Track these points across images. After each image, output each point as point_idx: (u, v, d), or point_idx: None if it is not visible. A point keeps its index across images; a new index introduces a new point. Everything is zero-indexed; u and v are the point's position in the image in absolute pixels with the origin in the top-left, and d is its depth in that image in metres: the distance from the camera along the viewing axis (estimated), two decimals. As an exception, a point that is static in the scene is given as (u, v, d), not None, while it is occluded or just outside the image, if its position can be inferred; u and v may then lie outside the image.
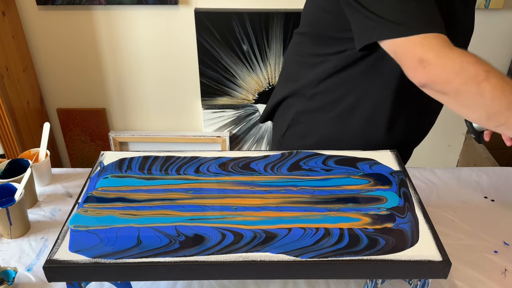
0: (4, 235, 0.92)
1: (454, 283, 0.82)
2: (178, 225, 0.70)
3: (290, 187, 0.79)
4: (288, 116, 1.06)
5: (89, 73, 1.95)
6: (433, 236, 0.68)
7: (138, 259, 0.65)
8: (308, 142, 1.04)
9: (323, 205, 0.74)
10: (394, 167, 0.85)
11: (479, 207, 1.02)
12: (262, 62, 1.91)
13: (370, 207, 0.74)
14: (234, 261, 0.64)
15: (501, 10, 1.81)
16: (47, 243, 0.91)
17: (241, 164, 0.85)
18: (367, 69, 0.91)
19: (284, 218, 0.71)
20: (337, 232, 0.68)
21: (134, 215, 0.72)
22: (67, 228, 0.70)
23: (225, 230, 0.69)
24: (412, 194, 0.78)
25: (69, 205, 1.01)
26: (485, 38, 1.87)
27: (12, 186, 0.93)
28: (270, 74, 1.94)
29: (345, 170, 0.84)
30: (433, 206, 0.99)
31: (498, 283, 0.82)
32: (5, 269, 0.79)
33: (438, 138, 2.15)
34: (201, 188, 0.79)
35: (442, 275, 0.65)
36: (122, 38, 1.88)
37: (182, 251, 0.66)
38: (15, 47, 1.78)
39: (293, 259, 0.65)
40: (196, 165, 0.85)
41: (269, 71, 1.93)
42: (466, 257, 0.87)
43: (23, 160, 1.02)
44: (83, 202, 0.75)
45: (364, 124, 0.97)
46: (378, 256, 0.65)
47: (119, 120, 2.11)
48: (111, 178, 0.81)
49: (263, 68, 1.92)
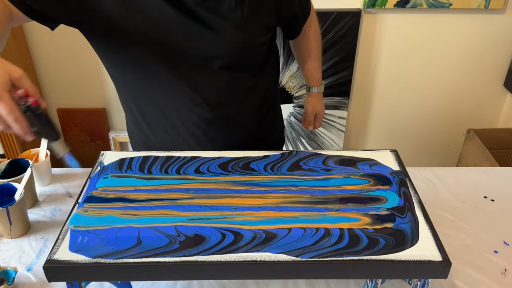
0: (4, 235, 0.92)
1: (454, 283, 0.82)
2: (178, 225, 0.70)
3: (290, 187, 0.79)
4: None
5: (89, 73, 1.95)
6: (433, 236, 0.68)
7: (138, 259, 0.65)
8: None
9: (323, 205, 0.74)
10: (394, 167, 0.85)
11: (479, 207, 1.02)
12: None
13: (370, 207, 0.74)
14: (234, 261, 0.64)
15: (501, 10, 1.81)
16: (47, 243, 0.91)
17: (241, 164, 0.85)
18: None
19: (284, 218, 0.71)
20: (337, 232, 0.68)
21: (134, 215, 0.72)
22: (67, 228, 0.70)
23: (225, 230, 0.69)
24: (412, 194, 0.78)
25: (69, 205, 1.01)
26: (485, 38, 1.88)
27: (12, 186, 0.93)
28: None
29: (345, 170, 0.84)
30: (433, 206, 0.99)
31: (498, 283, 0.82)
32: (5, 269, 0.79)
33: (438, 138, 2.16)
34: (201, 188, 0.79)
35: (442, 275, 0.65)
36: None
37: (182, 251, 0.66)
38: (15, 47, 1.78)
39: (293, 259, 0.65)
40: (196, 165, 0.85)
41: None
42: (466, 257, 0.87)
43: (23, 160, 1.02)
44: (83, 202, 0.75)
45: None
46: (378, 256, 0.65)
47: (119, 120, 2.11)
48: (111, 178, 0.81)
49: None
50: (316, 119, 1.29)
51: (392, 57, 1.93)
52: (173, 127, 1.00)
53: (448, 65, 1.95)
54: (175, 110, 0.97)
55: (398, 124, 2.12)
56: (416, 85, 2.00)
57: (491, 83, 2.00)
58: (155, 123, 1.01)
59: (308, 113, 1.28)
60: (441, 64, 1.95)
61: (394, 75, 1.98)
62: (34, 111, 0.65)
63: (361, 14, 1.80)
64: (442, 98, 2.04)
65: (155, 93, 0.95)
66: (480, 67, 1.96)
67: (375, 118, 2.10)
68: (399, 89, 2.02)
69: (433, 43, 1.89)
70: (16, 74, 0.64)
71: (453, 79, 1.99)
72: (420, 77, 1.98)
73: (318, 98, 1.26)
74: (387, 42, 1.89)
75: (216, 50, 0.90)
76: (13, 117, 0.62)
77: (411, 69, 1.96)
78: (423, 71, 1.97)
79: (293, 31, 1.10)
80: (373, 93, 2.03)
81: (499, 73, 1.98)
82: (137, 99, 0.99)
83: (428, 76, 1.98)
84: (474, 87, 2.01)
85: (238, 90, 0.98)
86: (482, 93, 2.03)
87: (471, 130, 1.88)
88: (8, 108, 0.61)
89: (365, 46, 1.90)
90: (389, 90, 2.02)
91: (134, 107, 1.01)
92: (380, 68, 1.96)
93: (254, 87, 1.01)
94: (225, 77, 0.94)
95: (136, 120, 1.04)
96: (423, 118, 2.10)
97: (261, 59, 0.99)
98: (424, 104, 2.06)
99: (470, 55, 1.92)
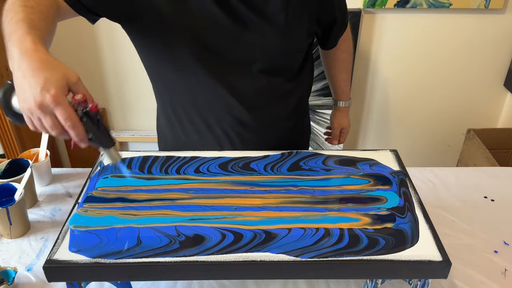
0: (4, 235, 0.92)
1: (454, 283, 0.82)
2: (178, 225, 0.70)
3: (290, 187, 0.79)
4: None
5: (89, 73, 1.94)
6: (433, 236, 0.68)
7: (138, 259, 0.65)
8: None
9: (323, 205, 0.74)
10: (394, 167, 0.85)
11: (479, 207, 1.02)
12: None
13: (370, 207, 0.74)
14: (234, 261, 0.64)
15: (501, 10, 1.81)
16: (47, 243, 0.91)
17: (241, 164, 0.85)
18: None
19: (284, 218, 0.71)
20: (337, 232, 0.68)
21: (134, 215, 0.72)
22: (67, 228, 0.70)
23: (225, 230, 0.69)
24: (412, 194, 0.78)
25: (69, 205, 1.01)
26: (485, 38, 1.88)
27: (12, 186, 0.93)
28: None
29: (345, 170, 0.84)
30: (433, 206, 0.99)
31: (498, 283, 0.82)
32: (5, 269, 0.79)
33: (438, 138, 2.16)
34: (201, 188, 0.79)
35: (442, 275, 0.65)
36: (122, 38, 1.88)
37: (182, 251, 0.66)
38: (15, 47, 1.77)
39: (293, 259, 0.65)
40: (196, 165, 0.85)
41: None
42: (466, 257, 0.87)
43: (23, 160, 1.02)
44: (83, 202, 0.75)
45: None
46: (378, 256, 0.65)
47: (119, 120, 2.11)
48: (111, 178, 0.81)
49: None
50: (341, 134, 1.27)
51: (392, 57, 1.93)
52: (208, 128, 0.99)
53: (448, 65, 1.95)
54: (211, 110, 0.97)
55: (398, 124, 2.12)
56: (416, 85, 2.00)
57: (491, 83, 2.00)
58: (189, 123, 1.00)
59: (334, 127, 1.26)
60: (440, 64, 1.95)
61: (394, 75, 1.98)
62: (91, 117, 0.62)
63: (361, 14, 1.80)
64: (442, 98, 2.04)
65: (192, 92, 0.95)
66: (480, 67, 1.96)
67: (375, 118, 2.10)
68: (399, 89, 2.02)
69: (433, 43, 1.89)
70: (73, 78, 0.62)
71: (453, 79, 1.99)
72: (419, 77, 1.98)
73: (345, 113, 1.25)
74: (387, 42, 1.89)
75: (257, 53, 0.90)
76: (70, 123, 0.59)
77: (411, 69, 1.96)
78: (423, 71, 1.96)
79: (330, 41, 1.08)
80: (373, 93, 2.03)
81: (499, 73, 1.98)
82: (173, 97, 0.98)
83: (428, 76, 1.98)
84: (474, 87, 2.01)
85: (275, 95, 0.98)
86: (482, 93, 2.03)
87: (471, 130, 1.88)
88: (66, 114, 0.58)
89: (365, 46, 1.90)
90: (389, 90, 2.02)
91: (169, 104, 1.00)
92: (380, 68, 1.96)
93: (291, 92, 1.01)
94: (264, 81, 0.94)
95: (169, 118, 1.03)
96: (423, 118, 2.10)
97: (298, 64, 0.99)
98: (424, 104, 2.05)
99: (470, 55, 1.92)
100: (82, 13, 0.82)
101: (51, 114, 0.59)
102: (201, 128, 1.00)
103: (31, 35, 0.64)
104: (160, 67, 0.94)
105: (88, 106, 0.62)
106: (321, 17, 0.96)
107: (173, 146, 1.07)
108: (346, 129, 1.26)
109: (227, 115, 0.97)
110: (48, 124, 0.60)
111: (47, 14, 0.71)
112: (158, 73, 0.97)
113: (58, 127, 0.60)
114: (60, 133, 0.61)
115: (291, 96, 1.02)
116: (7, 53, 0.64)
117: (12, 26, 0.66)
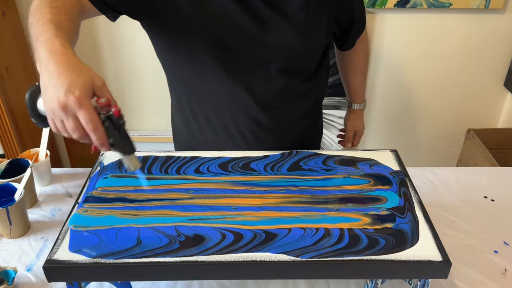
0: (4, 235, 0.92)
1: (454, 283, 0.82)
2: (178, 225, 0.70)
3: (290, 187, 0.79)
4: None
5: (89, 73, 1.94)
6: (433, 236, 0.68)
7: (138, 259, 0.65)
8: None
9: (323, 205, 0.74)
10: (394, 167, 0.85)
11: (479, 207, 1.02)
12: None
13: (370, 207, 0.74)
14: (234, 261, 0.64)
15: (501, 10, 1.81)
16: (47, 243, 0.91)
17: (241, 164, 0.85)
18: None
19: (284, 218, 0.71)
20: (337, 232, 0.68)
21: (134, 215, 0.72)
22: (67, 228, 0.70)
23: (225, 230, 0.69)
24: (412, 194, 0.78)
25: (69, 205, 1.01)
26: (485, 38, 1.87)
27: (12, 186, 0.93)
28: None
29: (345, 170, 0.84)
30: (433, 206, 0.99)
31: (498, 283, 0.82)
32: (5, 269, 0.79)
33: (438, 138, 2.16)
34: (201, 188, 0.79)
35: (442, 275, 0.65)
36: (122, 38, 1.88)
37: (182, 251, 0.66)
38: (15, 47, 1.78)
39: (293, 259, 0.65)
40: (196, 165, 0.85)
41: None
42: (466, 257, 0.87)
43: (23, 160, 1.02)
44: (83, 202, 0.75)
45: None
46: (378, 256, 0.65)
47: (119, 120, 2.11)
48: (111, 178, 0.81)
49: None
50: (355, 136, 1.27)
51: (392, 57, 1.93)
52: (224, 127, 0.99)
53: (448, 65, 1.95)
54: (228, 109, 0.97)
55: (398, 124, 2.12)
56: (416, 85, 2.00)
57: (491, 83, 2.00)
58: (205, 121, 1.00)
59: (347, 130, 1.26)
60: (441, 64, 1.95)
61: (394, 75, 1.98)
62: (114, 122, 0.61)
63: (361, 14, 1.80)
64: (442, 98, 2.04)
65: (210, 90, 0.95)
66: (480, 67, 1.95)
67: (375, 118, 2.10)
68: (399, 89, 2.01)
69: (433, 43, 1.89)
70: (98, 82, 0.61)
71: (453, 79, 1.99)
72: (420, 77, 1.98)
73: (359, 115, 1.24)
74: (387, 42, 1.89)
75: (276, 52, 0.90)
76: (92, 126, 0.58)
77: (410, 69, 1.96)
78: (423, 71, 1.96)
79: (348, 42, 1.08)
80: (373, 93, 2.03)
81: (499, 73, 1.98)
82: (191, 95, 0.98)
83: (428, 76, 1.98)
84: (474, 87, 2.01)
85: (292, 95, 0.98)
86: (482, 93, 2.03)
87: (471, 130, 1.88)
88: (88, 117, 0.58)
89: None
90: (388, 90, 2.02)
91: (186, 102, 1.00)
92: (380, 67, 1.96)
93: (307, 92, 1.01)
94: (281, 81, 0.94)
95: (185, 116, 1.03)
96: (423, 118, 2.10)
97: (315, 65, 0.99)
98: (424, 104, 2.05)
99: (470, 55, 1.92)
100: (105, 11, 0.82)
101: (73, 116, 0.59)
102: (217, 127, 1.00)
103: (59, 37, 0.64)
104: (179, 65, 0.94)
105: (111, 111, 0.61)
106: (340, 17, 0.96)
107: (189, 145, 1.07)
108: (360, 131, 1.26)
109: (243, 115, 0.97)
110: (70, 126, 0.59)
111: (72, 15, 0.72)
112: (176, 71, 0.97)
113: (79, 130, 0.59)
114: (82, 136, 0.60)
115: (307, 96, 1.02)
116: (34, 54, 0.65)
117: (39, 28, 0.66)
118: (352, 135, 1.26)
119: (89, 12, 0.79)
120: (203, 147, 1.02)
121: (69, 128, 0.60)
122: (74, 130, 0.59)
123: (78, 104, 0.57)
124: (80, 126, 0.59)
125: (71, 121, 0.59)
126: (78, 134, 0.60)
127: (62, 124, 0.60)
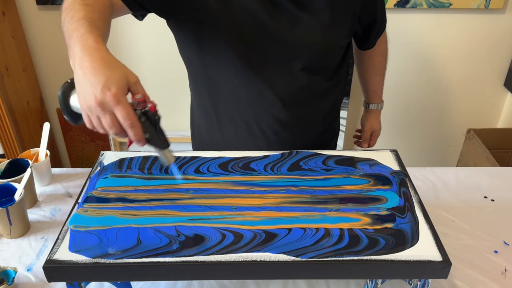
0: (4, 235, 0.92)
1: (454, 283, 0.82)
2: (178, 225, 0.70)
3: (290, 187, 0.79)
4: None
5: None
6: (433, 236, 0.68)
7: (138, 259, 0.65)
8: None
9: (323, 205, 0.74)
10: (394, 167, 0.85)
11: (479, 207, 1.02)
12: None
13: (370, 207, 0.74)
14: (234, 261, 0.64)
15: (501, 10, 1.81)
16: (47, 243, 0.91)
17: (241, 164, 0.85)
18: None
19: (284, 218, 0.71)
20: (337, 232, 0.68)
21: (134, 215, 0.72)
22: (67, 228, 0.70)
23: (225, 230, 0.69)
24: (412, 194, 0.78)
25: (69, 205, 1.01)
26: (485, 38, 1.87)
27: (12, 186, 0.93)
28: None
29: (345, 170, 0.84)
30: (433, 206, 0.99)
31: (498, 283, 0.82)
32: (5, 269, 0.79)
33: (438, 138, 2.16)
34: (201, 188, 0.79)
35: (442, 275, 0.65)
36: (122, 38, 1.88)
37: (182, 251, 0.66)
38: (15, 47, 1.78)
39: (293, 259, 0.65)
40: (196, 165, 0.85)
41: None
42: (466, 257, 0.87)
43: (23, 160, 1.02)
44: (83, 202, 0.75)
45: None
46: (378, 256, 0.65)
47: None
48: (111, 178, 0.81)
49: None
50: (372, 137, 1.27)
51: (392, 56, 1.92)
52: (246, 125, 0.99)
53: (448, 65, 1.95)
54: (251, 107, 0.97)
55: (398, 124, 2.12)
56: (416, 85, 2.00)
57: (491, 83, 2.00)
58: (227, 121, 1.00)
59: (365, 130, 1.26)
60: (441, 64, 1.95)
61: (394, 75, 1.98)
62: (150, 117, 0.62)
63: (361, 14, 1.80)
64: (442, 98, 2.04)
65: (233, 88, 0.95)
66: (480, 67, 1.95)
67: (375, 118, 2.10)
68: (398, 89, 2.02)
69: (433, 43, 1.89)
70: (133, 79, 0.62)
71: (453, 79, 1.99)
72: (420, 77, 1.98)
73: (377, 116, 1.24)
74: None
75: (300, 50, 0.90)
76: (129, 122, 0.59)
77: (410, 69, 1.96)
78: (423, 71, 1.96)
79: (369, 41, 1.09)
80: (373, 93, 2.03)
81: (499, 73, 1.98)
82: (214, 92, 0.98)
83: (428, 76, 1.98)
84: (474, 87, 2.01)
85: (314, 93, 0.98)
86: (482, 93, 2.03)
87: (471, 130, 1.88)
88: (125, 112, 0.59)
89: (365, 46, 1.90)
90: (388, 90, 2.01)
91: (209, 102, 1.00)
92: (380, 68, 1.96)
93: (328, 91, 1.01)
94: (304, 79, 0.94)
95: (208, 116, 1.03)
96: (423, 118, 2.10)
97: (337, 63, 0.99)
98: (424, 104, 2.05)
99: (470, 55, 1.92)
100: (135, 9, 0.82)
101: (110, 113, 0.59)
102: (238, 123, 1.00)
103: (93, 34, 0.64)
104: (204, 63, 0.94)
105: (147, 106, 0.62)
106: (363, 16, 0.96)
107: (208, 142, 1.07)
108: (377, 132, 1.26)
109: (266, 113, 0.97)
110: (107, 122, 0.60)
111: (105, 13, 0.73)
112: (200, 68, 0.97)
113: (116, 126, 0.60)
114: (118, 132, 0.61)
115: (328, 95, 1.02)
116: (68, 51, 0.65)
117: (73, 24, 0.66)
118: (369, 135, 1.27)
119: (119, 10, 0.80)
120: (222, 144, 1.03)
121: (106, 125, 0.60)
122: (111, 126, 0.60)
123: (115, 101, 0.58)
124: (117, 123, 0.60)
125: (108, 118, 0.59)
126: (115, 130, 0.60)
127: (99, 121, 0.61)
